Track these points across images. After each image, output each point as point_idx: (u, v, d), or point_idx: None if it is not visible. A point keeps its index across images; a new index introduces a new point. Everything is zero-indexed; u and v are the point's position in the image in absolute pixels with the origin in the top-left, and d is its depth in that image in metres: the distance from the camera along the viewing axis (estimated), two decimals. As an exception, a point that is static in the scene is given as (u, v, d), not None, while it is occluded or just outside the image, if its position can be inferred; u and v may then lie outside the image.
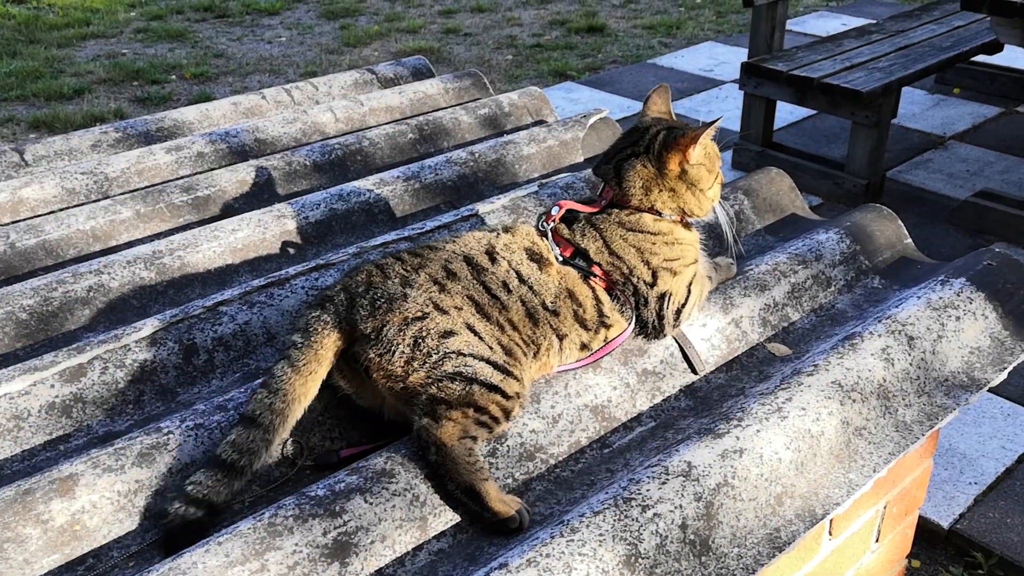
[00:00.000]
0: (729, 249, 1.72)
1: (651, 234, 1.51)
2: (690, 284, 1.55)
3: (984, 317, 1.68)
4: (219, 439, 1.33)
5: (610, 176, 1.55)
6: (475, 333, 1.34)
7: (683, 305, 1.55)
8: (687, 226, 1.56)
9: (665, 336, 1.57)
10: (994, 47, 4.97)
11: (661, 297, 1.52)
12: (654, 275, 1.51)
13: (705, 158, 1.52)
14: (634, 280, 1.50)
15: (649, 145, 1.52)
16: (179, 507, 1.22)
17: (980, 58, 5.32)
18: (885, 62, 4.70)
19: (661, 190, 1.52)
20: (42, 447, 1.39)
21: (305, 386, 1.31)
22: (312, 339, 1.33)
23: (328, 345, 1.33)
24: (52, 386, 1.43)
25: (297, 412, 1.31)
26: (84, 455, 1.28)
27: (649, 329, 1.54)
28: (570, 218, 1.54)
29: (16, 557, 1.18)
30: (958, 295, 1.69)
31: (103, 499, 1.25)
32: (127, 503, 1.26)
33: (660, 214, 1.53)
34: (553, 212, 1.54)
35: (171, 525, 1.22)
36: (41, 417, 1.41)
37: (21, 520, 1.20)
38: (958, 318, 1.65)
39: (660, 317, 1.53)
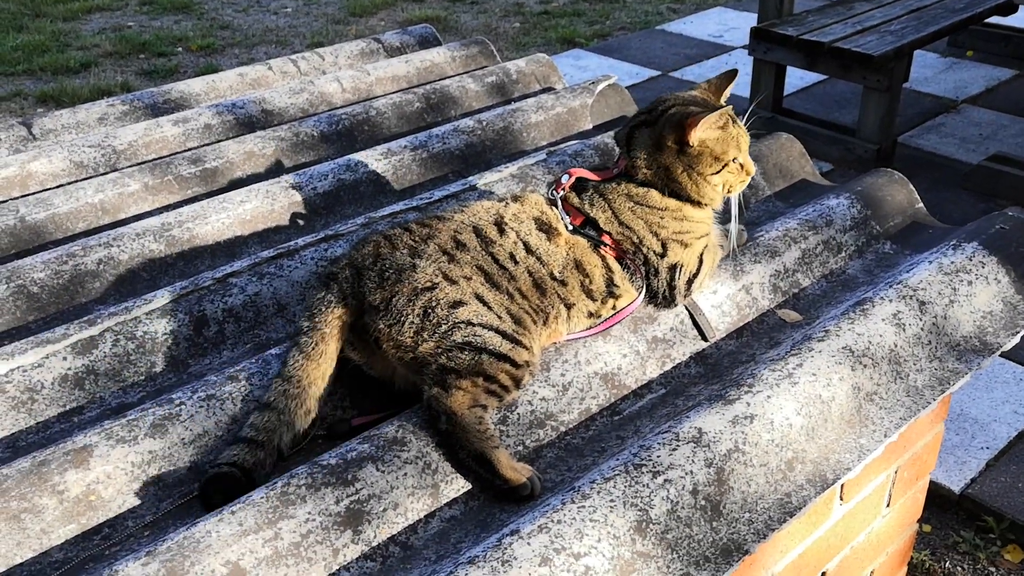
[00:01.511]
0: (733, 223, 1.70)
1: (659, 209, 1.49)
2: (702, 255, 1.54)
3: (997, 281, 1.67)
4: (231, 409, 1.34)
5: (623, 143, 1.53)
6: (484, 303, 1.34)
7: (695, 275, 1.53)
8: (697, 203, 1.53)
9: (676, 305, 1.56)
10: (1008, 8, 4.90)
11: (672, 268, 1.51)
12: (664, 247, 1.49)
13: (715, 140, 1.46)
14: (644, 250, 1.49)
15: (659, 117, 1.50)
16: (215, 468, 1.27)
17: (994, 19, 5.25)
18: (897, 25, 4.64)
19: (659, 167, 1.48)
20: (56, 419, 1.40)
21: (318, 368, 1.35)
22: (316, 320, 1.36)
23: (333, 323, 1.36)
24: (65, 359, 1.43)
25: (315, 392, 1.34)
26: (97, 427, 1.29)
27: (660, 299, 1.54)
28: (580, 186, 1.53)
29: (33, 527, 1.20)
30: (970, 259, 1.68)
31: (117, 470, 1.26)
32: (141, 473, 1.27)
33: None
34: (563, 180, 1.52)
35: (207, 476, 1.27)
36: (54, 389, 1.42)
37: (37, 491, 1.21)
38: (970, 282, 1.64)
39: (671, 287, 1.52)
